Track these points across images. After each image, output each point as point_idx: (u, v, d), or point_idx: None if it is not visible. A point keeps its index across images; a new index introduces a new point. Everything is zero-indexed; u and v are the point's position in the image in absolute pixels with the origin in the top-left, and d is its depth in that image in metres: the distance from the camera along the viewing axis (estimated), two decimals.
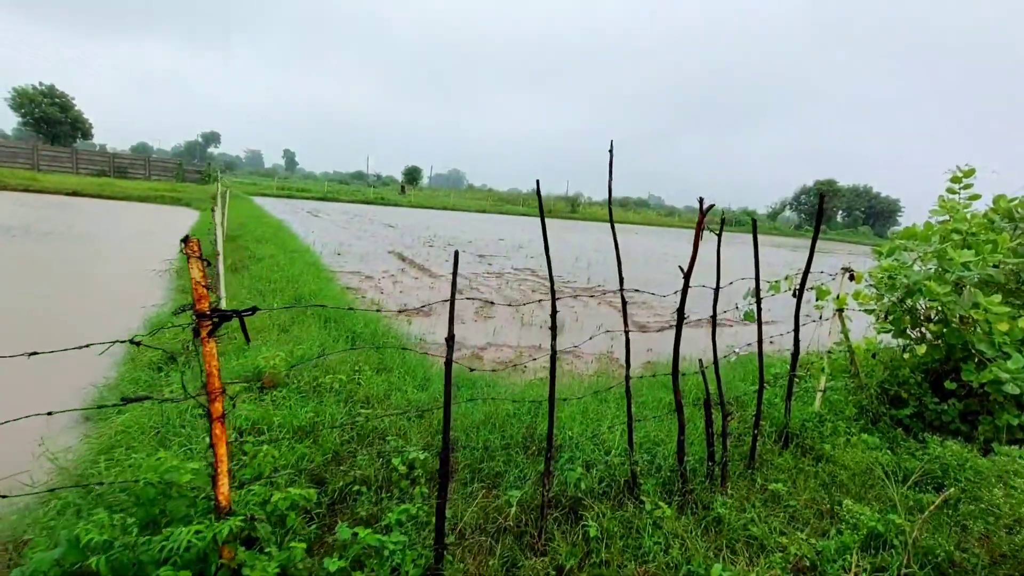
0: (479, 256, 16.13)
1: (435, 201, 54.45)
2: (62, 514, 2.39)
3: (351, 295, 8.49)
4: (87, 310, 6.93)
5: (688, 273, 3.07)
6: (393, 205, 46.92)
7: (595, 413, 3.87)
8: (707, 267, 3.38)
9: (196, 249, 1.94)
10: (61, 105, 50.58)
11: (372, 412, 3.73)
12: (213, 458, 2.17)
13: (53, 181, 28.41)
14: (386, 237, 19.51)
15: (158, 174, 41.47)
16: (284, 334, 5.34)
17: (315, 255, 11.83)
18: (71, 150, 41.75)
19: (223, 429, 2.14)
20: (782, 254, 29.82)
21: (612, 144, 3.04)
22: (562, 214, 56.28)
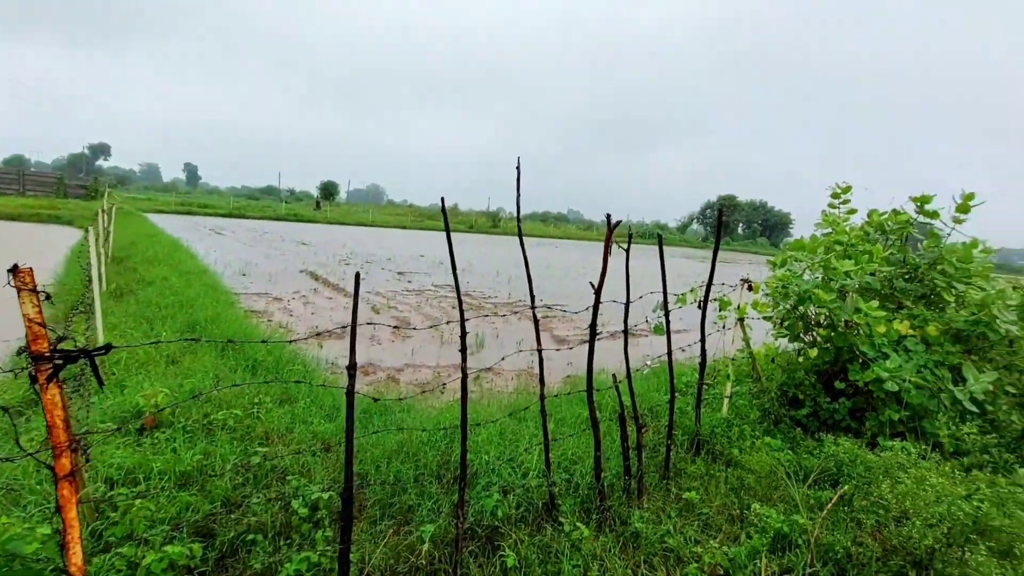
0: (398, 273, 15.72)
1: (353, 217, 52.78)
2: None
3: (256, 319, 7.90)
4: None
5: (599, 288, 3.08)
6: (308, 221, 44.91)
7: (513, 434, 3.77)
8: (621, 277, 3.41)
9: (28, 280, 1.63)
10: None
11: (271, 450, 3.40)
12: (62, 524, 1.83)
13: None
14: (298, 255, 18.54)
15: (35, 189, 37.03)
16: (173, 366, 4.82)
17: (215, 276, 10.95)
18: None
19: (72, 490, 1.81)
20: (692, 265, 31.65)
21: (519, 161, 3.00)
22: (484, 229, 56.54)
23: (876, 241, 5.33)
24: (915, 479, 3.10)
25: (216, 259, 14.87)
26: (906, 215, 5.26)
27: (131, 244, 13.73)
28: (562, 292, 14.25)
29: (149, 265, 10.65)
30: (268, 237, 25.85)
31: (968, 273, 4.89)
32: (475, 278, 16.09)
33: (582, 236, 66.16)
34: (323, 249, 21.77)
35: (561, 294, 13.81)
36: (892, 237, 5.38)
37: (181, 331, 6.03)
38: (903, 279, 5.15)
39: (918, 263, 5.09)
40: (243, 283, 11.50)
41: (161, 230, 21.05)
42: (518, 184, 3.00)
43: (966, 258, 4.92)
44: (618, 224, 3.02)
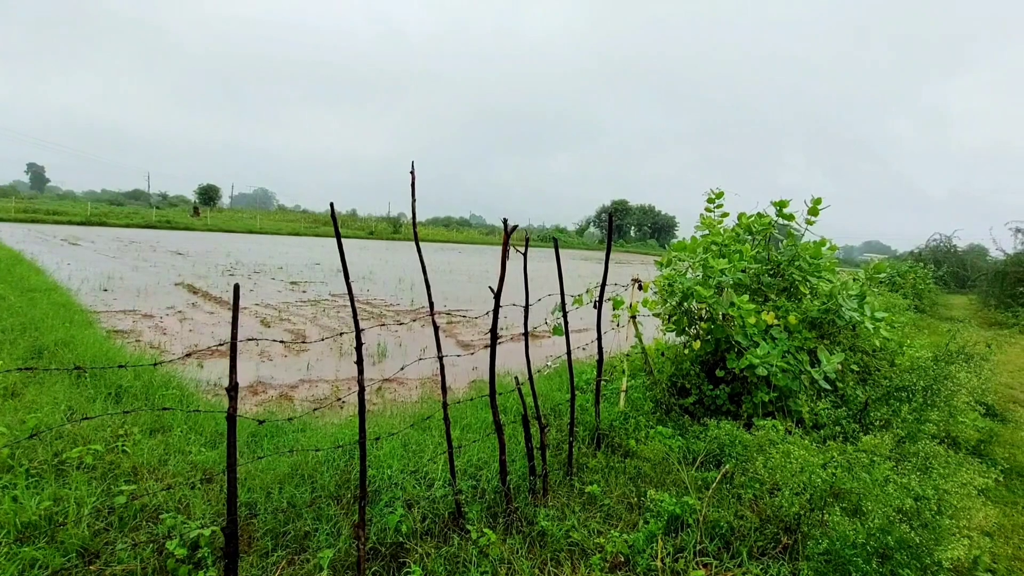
0: (292, 283, 14.80)
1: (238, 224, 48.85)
2: None
3: (121, 339, 7.01)
4: None
5: (498, 293, 3.09)
6: (184, 229, 40.83)
7: (417, 445, 3.67)
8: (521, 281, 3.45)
9: None
10: None
11: (140, 486, 3.02)
12: None
13: None
14: (173, 267, 16.79)
15: None
16: (13, 399, 4.12)
17: (67, 294, 9.59)
18: None
19: None
20: (590, 265, 33.08)
21: (413, 165, 2.93)
22: (385, 235, 55.01)
23: (745, 241, 5.91)
24: (783, 453, 3.44)
25: (70, 274, 13.03)
26: (768, 218, 5.88)
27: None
28: (465, 297, 14.23)
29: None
30: (136, 247, 23.14)
31: (819, 268, 5.58)
32: (376, 286, 15.59)
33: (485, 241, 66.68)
34: (203, 259, 19.91)
35: (464, 299, 13.80)
36: (758, 237, 5.98)
37: (23, 359, 5.18)
38: (768, 275, 5.75)
39: (780, 260, 5.71)
40: (104, 300, 10.17)
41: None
42: (412, 188, 2.93)
43: (816, 254, 5.61)
44: (515, 229, 3.06)
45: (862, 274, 6.56)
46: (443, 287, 16.08)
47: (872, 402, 4.86)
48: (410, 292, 14.54)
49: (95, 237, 27.35)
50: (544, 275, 12.55)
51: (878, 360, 5.78)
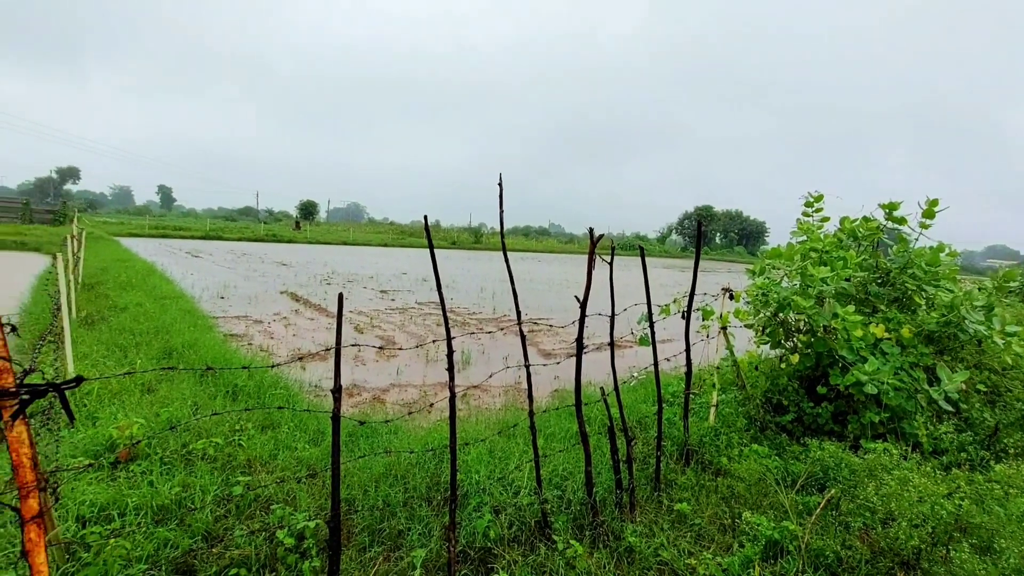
0: (381, 292, 15.59)
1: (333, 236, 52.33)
2: None
3: (236, 343, 7.73)
4: None
5: (584, 302, 3.08)
6: (287, 242, 44.38)
7: (503, 452, 3.73)
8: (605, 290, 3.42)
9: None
10: None
11: (254, 478, 3.31)
12: (28, 570, 1.74)
13: None
14: (278, 276, 18.28)
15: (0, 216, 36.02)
16: (148, 395, 4.67)
17: (191, 301, 10.72)
18: None
19: (41, 533, 1.72)
20: (673, 274, 32.01)
21: (501, 177, 3.01)
22: (466, 245, 56.54)
23: (849, 247, 5.46)
24: (898, 480, 3.13)
25: (193, 283, 14.58)
26: (876, 222, 5.40)
27: (103, 270, 13.40)
28: (546, 306, 14.27)
29: (122, 291, 10.39)
30: (247, 259, 25.47)
31: (936, 276, 5.03)
32: (459, 294, 16.03)
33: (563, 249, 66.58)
34: (304, 269, 21.51)
35: (545, 308, 13.84)
36: (864, 243, 5.51)
37: (157, 358, 5.87)
38: (876, 284, 5.27)
39: (889, 267, 5.22)
40: (222, 307, 11.28)
41: (135, 254, 20.61)
42: (500, 199, 3.00)
43: (934, 261, 5.06)
44: (601, 238, 3.04)
45: (989, 283, 5.83)
46: (524, 296, 16.23)
47: (1004, 427, 4.31)
48: (491, 300, 14.81)
49: (213, 250, 30.44)
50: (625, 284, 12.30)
51: (1010, 380, 5.11)
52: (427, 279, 20.20)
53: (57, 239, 23.57)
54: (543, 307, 13.93)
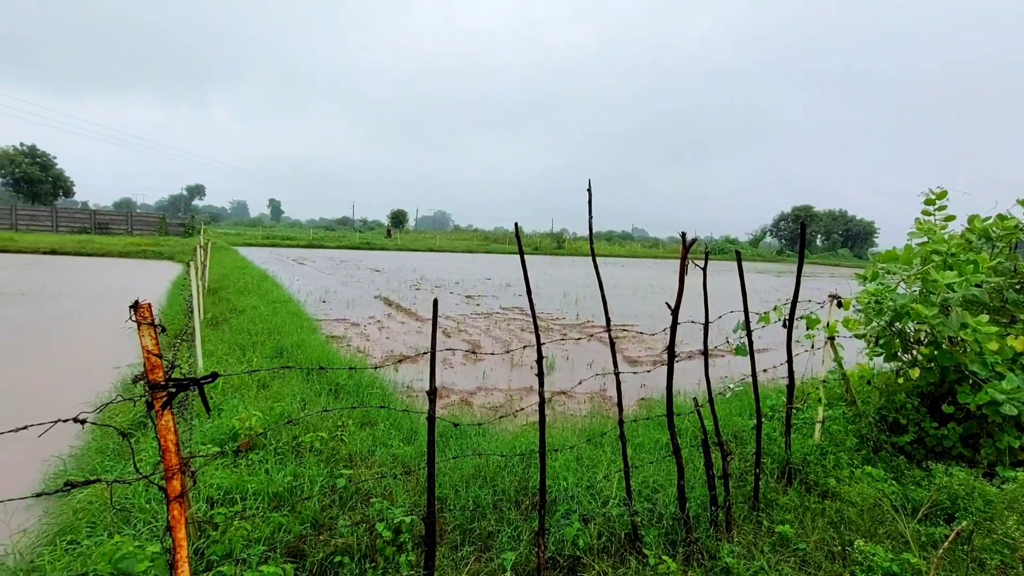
0: (467, 297, 16.02)
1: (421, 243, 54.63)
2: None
3: (336, 344, 8.29)
4: (62, 371, 6.66)
5: (675, 309, 2.99)
6: (379, 249, 46.96)
7: (590, 460, 3.70)
8: (695, 297, 3.30)
9: (147, 315, 1.81)
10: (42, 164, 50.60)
11: (355, 472, 3.53)
12: (171, 543, 1.98)
13: (31, 240, 28.07)
14: (372, 282, 19.37)
15: (140, 229, 41.26)
16: (264, 390, 5.13)
17: (299, 304, 11.64)
18: (51, 209, 41.47)
19: (182, 511, 1.95)
20: (767, 280, 30.11)
21: (590, 183, 3.00)
22: (548, 250, 56.69)
23: (980, 249, 4.85)
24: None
25: (299, 288, 15.82)
26: (1014, 220, 4.77)
27: (224, 276, 14.90)
28: (630, 312, 13.97)
29: (240, 295, 11.50)
30: (345, 265, 27.23)
31: None
32: (542, 300, 16.11)
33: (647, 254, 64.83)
34: (395, 275, 22.63)
35: (630, 313, 13.55)
36: (999, 244, 4.87)
37: (270, 357, 6.43)
38: (1014, 290, 4.64)
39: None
40: (323, 310, 12.14)
41: (250, 262, 22.73)
42: (590, 205, 3.00)
43: None
44: (694, 242, 2.94)
45: None
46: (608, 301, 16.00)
47: None
48: (575, 306, 14.73)
49: (315, 257, 32.88)
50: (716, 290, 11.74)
51: None
52: (511, 284, 20.48)
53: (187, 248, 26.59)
54: (627, 313, 13.64)
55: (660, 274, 32.00)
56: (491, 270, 28.34)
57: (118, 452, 3.95)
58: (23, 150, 49.90)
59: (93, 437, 4.28)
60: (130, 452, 3.74)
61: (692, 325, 3.22)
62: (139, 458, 3.69)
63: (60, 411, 4.87)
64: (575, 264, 39.22)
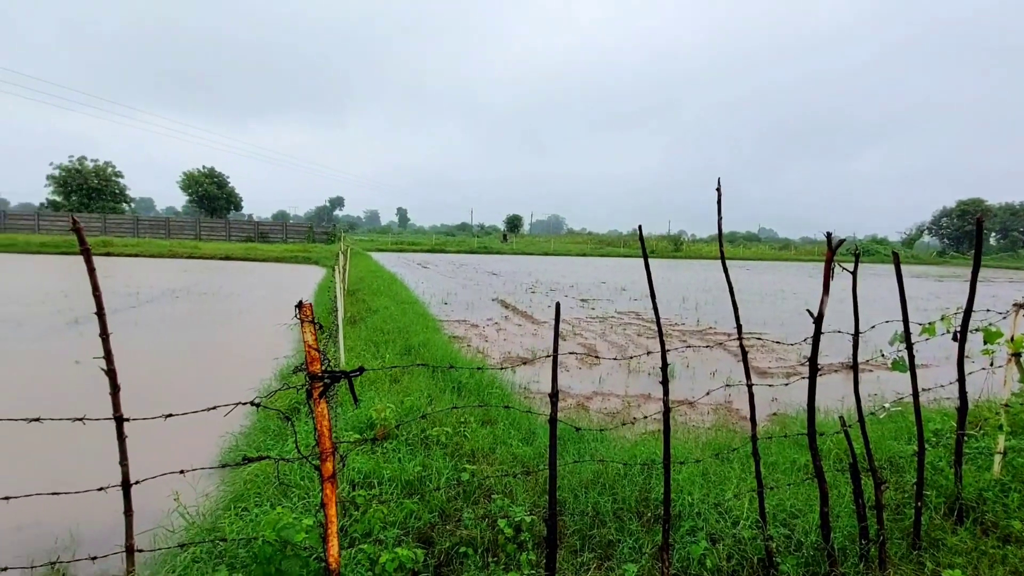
0: (581, 300, 15.95)
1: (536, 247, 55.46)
2: (190, 568, 2.56)
3: (457, 344, 8.70)
4: (234, 360, 7.77)
5: (819, 317, 2.72)
6: (496, 253, 48.50)
7: (717, 475, 3.49)
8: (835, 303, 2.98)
9: (308, 314, 2.04)
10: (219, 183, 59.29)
11: (477, 468, 3.67)
12: (324, 518, 2.21)
13: (210, 248, 33.09)
14: (490, 285, 20.05)
15: (293, 237, 46.73)
16: (395, 384, 5.54)
17: (423, 306, 12.40)
18: (225, 221, 48.55)
19: (333, 490, 2.17)
20: (925, 285, 26.23)
21: (719, 181, 2.85)
22: (665, 253, 54.58)
23: None
24: None
25: (423, 290, 16.86)
26: None
27: (360, 279, 16.33)
28: (758, 318, 12.96)
29: (373, 296, 12.54)
30: (464, 269, 28.52)
31: None
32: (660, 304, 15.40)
33: (776, 256, 59.71)
34: (511, 278, 23.21)
35: (757, 320, 12.58)
36: None
37: (400, 354, 6.93)
38: None
39: None
40: (445, 311, 12.82)
41: (381, 266, 24.69)
42: (719, 206, 2.84)
43: None
44: (841, 243, 2.66)
45: None
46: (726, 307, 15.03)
47: None
48: (695, 312, 14.01)
49: (437, 262, 34.85)
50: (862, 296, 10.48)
51: None
52: (626, 288, 20.02)
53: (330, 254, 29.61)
54: (755, 320, 12.66)
55: (790, 278, 29.32)
56: (606, 273, 27.93)
57: (277, 433, 4.51)
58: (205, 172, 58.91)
59: (258, 418, 4.92)
60: (291, 433, 4.25)
61: (830, 336, 2.91)
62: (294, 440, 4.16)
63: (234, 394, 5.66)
64: (693, 267, 37.31)
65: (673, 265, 39.40)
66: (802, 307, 15.76)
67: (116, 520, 3.34)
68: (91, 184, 49.36)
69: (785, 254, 62.76)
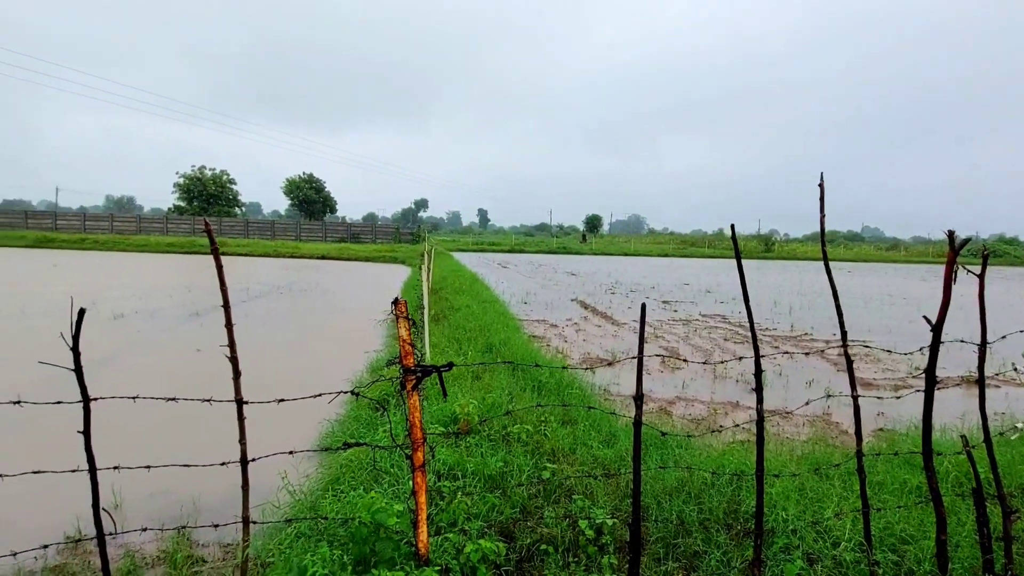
0: (663, 302, 15.48)
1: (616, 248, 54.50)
2: (295, 542, 2.78)
3: (536, 343, 8.76)
4: (330, 352, 8.33)
5: (938, 324, 2.47)
6: (575, 254, 48.20)
7: (814, 492, 3.26)
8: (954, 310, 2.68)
9: (404, 310, 2.16)
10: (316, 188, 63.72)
11: (558, 467, 3.69)
12: (414, 505, 2.32)
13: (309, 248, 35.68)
14: (569, 285, 19.97)
15: (381, 237, 49.25)
16: (476, 381, 5.68)
17: (504, 305, 12.59)
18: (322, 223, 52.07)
19: (423, 478, 2.28)
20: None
21: (822, 176, 2.67)
22: (755, 254, 51.62)
23: None
24: None
25: (503, 289, 17.12)
26: None
27: (443, 278, 16.88)
28: (862, 325, 11.92)
29: (456, 295, 12.92)
30: (542, 269, 28.63)
31: None
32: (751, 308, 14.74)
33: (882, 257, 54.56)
34: (590, 279, 22.98)
35: (861, 328, 11.57)
36: None
37: (481, 351, 7.09)
38: None
39: None
40: (525, 311, 12.94)
41: (463, 265, 25.38)
42: (821, 203, 2.66)
43: None
44: (966, 242, 2.40)
45: None
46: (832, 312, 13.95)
47: None
48: (788, 316, 13.14)
49: (517, 262, 35.24)
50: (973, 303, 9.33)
51: None
52: (710, 290, 19.17)
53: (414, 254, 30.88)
54: (858, 327, 11.65)
55: (898, 281, 26.68)
56: (689, 275, 26.89)
57: (368, 422, 4.78)
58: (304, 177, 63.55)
59: (351, 407, 5.24)
60: (381, 424, 4.49)
61: (948, 347, 2.60)
62: (383, 430, 4.39)
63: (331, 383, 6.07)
64: (786, 269, 34.98)
65: (764, 266, 37.17)
66: (912, 313, 14.30)
67: (230, 492, 3.71)
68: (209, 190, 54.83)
69: (893, 255, 57.18)
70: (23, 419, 4.78)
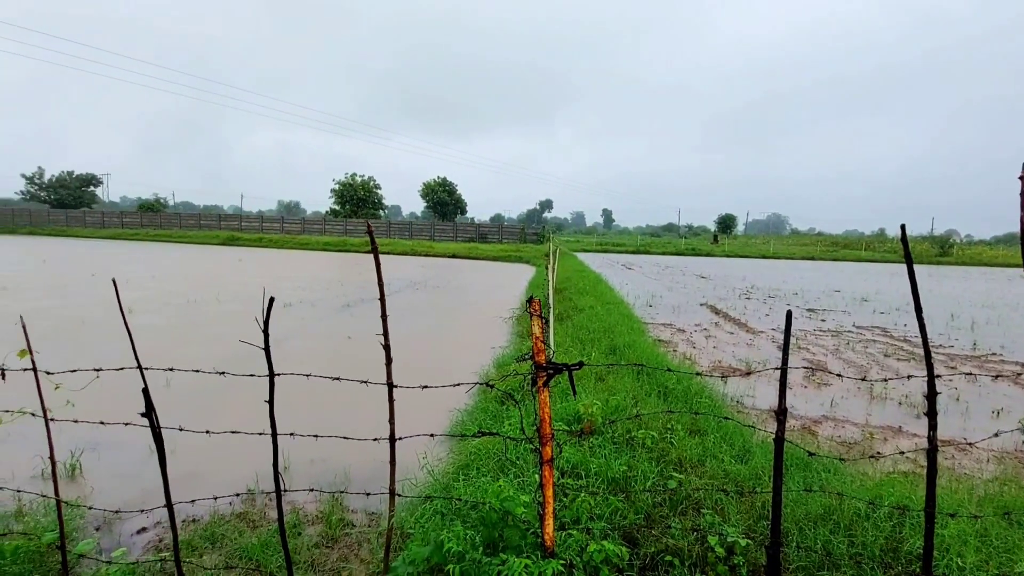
0: (808, 310, 14.04)
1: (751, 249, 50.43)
2: (432, 518, 3.00)
3: (662, 348, 8.46)
4: (459, 345, 8.83)
5: None
6: (705, 255, 45.52)
7: (1001, 540, 2.76)
8: None
9: (537, 309, 2.23)
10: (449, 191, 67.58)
11: (685, 478, 3.54)
12: (541, 498, 2.39)
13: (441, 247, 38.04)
14: (698, 288, 18.95)
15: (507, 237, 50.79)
16: (600, 383, 5.64)
17: (628, 307, 12.32)
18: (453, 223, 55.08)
19: (551, 472, 2.34)
20: None
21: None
22: (927, 258, 44.63)
23: None
24: None
25: (628, 291, 16.75)
26: None
27: (567, 279, 16.97)
28: None
29: (579, 295, 12.92)
30: (669, 271, 27.47)
31: None
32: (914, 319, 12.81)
33: None
34: (722, 282, 21.58)
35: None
36: None
37: (605, 353, 7.03)
38: None
39: None
40: (650, 314, 12.55)
41: (586, 266, 25.28)
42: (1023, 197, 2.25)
43: None
44: None
45: None
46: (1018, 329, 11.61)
47: None
48: (970, 332, 11.19)
49: (642, 263, 34.23)
50: None
51: None
52: (867, 299, 16.95)
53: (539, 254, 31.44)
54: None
55: None
56: (840, 280, 24.04)
57: (495, 415, 4.99)
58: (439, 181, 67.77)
59: (479, 399, 5.51)
60: (506, 416, 4.67)
61: None
62: (509, 423, 4.55)
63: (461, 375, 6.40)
64: (968, 276, 29.80)
65: (938, 273, 32.01)
66: None
67: (375, 466, 4.12)
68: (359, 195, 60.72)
69: None
70: (218, 387, 5.73)
